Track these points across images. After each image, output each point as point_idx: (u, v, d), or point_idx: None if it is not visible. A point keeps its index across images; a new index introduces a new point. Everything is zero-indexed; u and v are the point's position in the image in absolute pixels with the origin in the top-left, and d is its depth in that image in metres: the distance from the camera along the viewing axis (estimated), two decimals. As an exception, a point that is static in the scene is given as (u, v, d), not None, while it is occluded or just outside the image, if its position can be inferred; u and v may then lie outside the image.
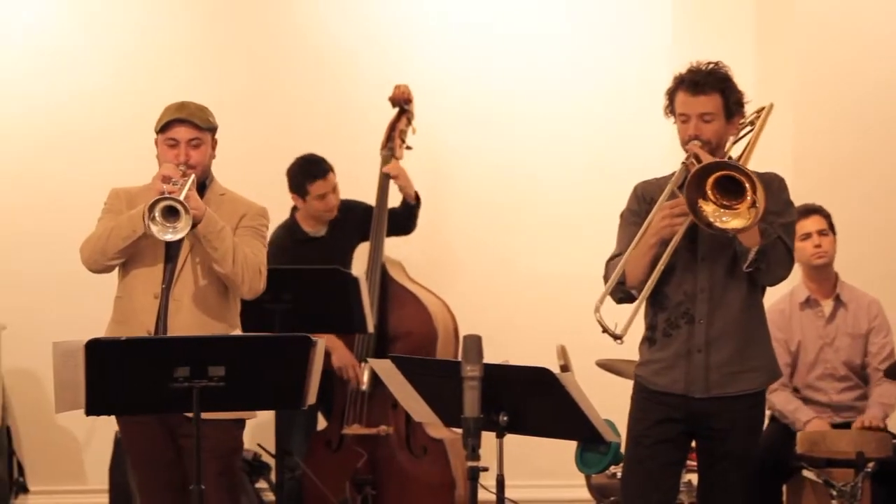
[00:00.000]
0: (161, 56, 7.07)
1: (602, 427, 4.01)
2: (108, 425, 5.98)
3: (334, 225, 6.43)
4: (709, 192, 4.19)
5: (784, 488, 5.84)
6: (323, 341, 4.36)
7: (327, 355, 5.85)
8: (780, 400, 5.77)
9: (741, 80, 4.47)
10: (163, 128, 4.78)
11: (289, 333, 4.72)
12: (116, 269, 4.81)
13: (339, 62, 7.13)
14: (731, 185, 4.18)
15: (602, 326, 4.27)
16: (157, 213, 4.52)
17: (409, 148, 6.54)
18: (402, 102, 6.53)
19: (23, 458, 6.83)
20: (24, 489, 6.83)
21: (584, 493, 5.92)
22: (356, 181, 6.49)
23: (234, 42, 7.10)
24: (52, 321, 6.60)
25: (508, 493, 3.99)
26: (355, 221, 6.42)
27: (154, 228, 4.53)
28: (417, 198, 6.49)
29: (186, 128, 4.76)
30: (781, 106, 6.79)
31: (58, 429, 6.84)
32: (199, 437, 4.22)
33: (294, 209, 6.41)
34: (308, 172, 6.32)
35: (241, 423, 4.85)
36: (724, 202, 4.19)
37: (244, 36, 7.11)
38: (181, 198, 4.54)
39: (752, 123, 4.63)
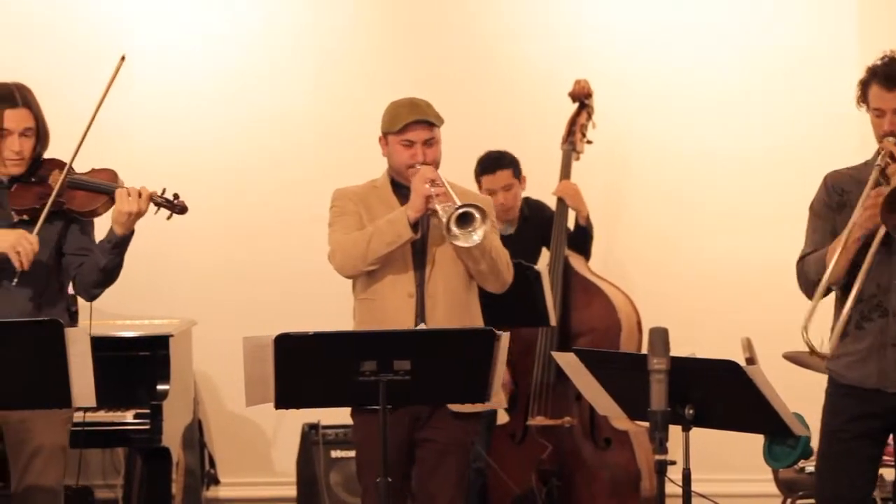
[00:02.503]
0: (341, 60, 7.15)
1: (791, 420, 3.96)
2: (295, 418, 6.08)
3: (522, 223, 6.42)
4: None
5: None
6: (507, 335, 4.38)
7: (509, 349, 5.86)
8: None
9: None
10: (400, 129, 4.81)
11: (473, 327, 4.73)
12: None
13: (517, 59, 7.13)
14: None
15: (809, 348, 4.18)
16: (452, 226, 4.57)
17: (589, 142, 6.51)
18: (582, 97, 6.50)
19: (213, 451, 6.96)
20: (215, 481, 6.95)
21: (772, 488, 5.84)
22: (537, 177, 6.47)
23: (413, 43, 7.14)
24: (241, 317, 6.74)
25: (695, 487, 3.96)
26: (541, 223, 6.38)
27: (458, 242, 4.59)
28: (588, 221, 6.42)
29: (423, 128, 4.80)
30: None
31: (247, 422, 6.97)
32: (386, 427, 4.25)
33: None
34: (480, 166, 6.34)
35: (479, 416, 4.91)
36: None
37: (423, 37, 7.14)
38: (454, 197, 4.60)
39: None
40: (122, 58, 4.86)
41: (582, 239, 6.40)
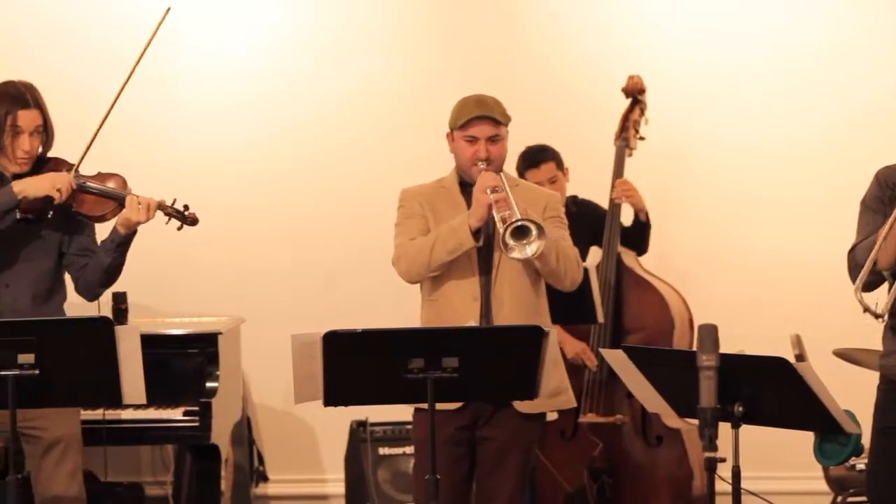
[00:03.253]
0: (392, 60, 7.13)
1: (842, 417, 3.93)
2: (343, 415, 6.08)
3: (569, 221, 6.40)
4: None
5: None
6: (555, 331, 4.36)
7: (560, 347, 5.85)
8: None
9: None
10: (463, 124, 4.81)
11: (520, 324, 4.72)
12: None
13: (570, 56, 7.10)
14: None
15: (863, 306, 4.14)
16: (508, 237, 4.56)
17: (642, 138, 6.49)
18: (635, 93, 6.47)
19: (262, 448, 6.98)
20: (263, 478, 6.97)
21: (823, 486, 5.81)
22: (590, 174, 6.45)
23: (464, 42, 7.11)
24: (290, 314, 6.75)
25: (745, 485, 3.94)
26: (591, 221, 6.35)
27: (513, 254, 4.58)
28: (648, 217, 6.39)
29: (487, 124, 4.78)
30: None
31: (295, 419, 6.98)
32: (434, 425, 4.26)
33: None
34: (523, 162, 6.32)
35: (544, 416, 4.90)
36: None
37: (475, 36, 7.11)
38: (513, 205, 4.59)
39: None
40: (168, 9, 4.94)
41: (641, 234, 6.38)
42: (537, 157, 6.28)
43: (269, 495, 7.06)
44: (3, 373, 4.14)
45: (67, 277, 5.07)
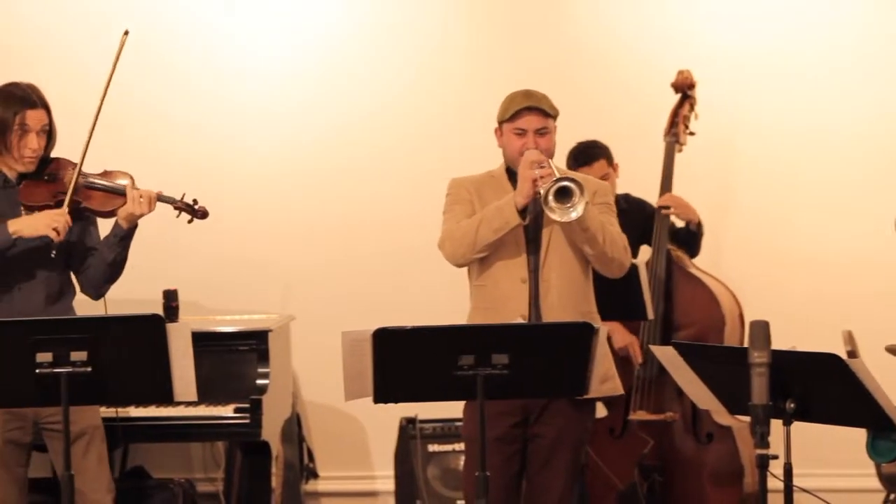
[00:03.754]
0: (439, 58, 7.12)
1: (895, 414, 3.91)
2: (393, 412, 6.10)
3: (619, 217, 6.38)
4: None
5: None
6: (605, 328, 4.35)
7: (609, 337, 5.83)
8: None
9: None
10: (511, 116, 4.82)
11: (569, 321, 4.72)
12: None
13: (620, 49, 7.08)
14: None
15: None
16: (550, 199, 4.56)
17: (692, 134, 6.46)
18: (685, 88, 6.45)
19: (312, 445, 7.00)
20: (313, 475, 6.98)
21: (875, 483, 5.77)
22: (640, 169, 6.43)
23: (512, 38, 7.10)
24: (339, 311, 6.76)
25: (797, 482, 3.92)
26: (641, 220, 6.33)
27: (554, 215, 4.59)
28: (700, 224, 6.36)
29: (535, 116, 4.80)
30: None
31: (345, 416, 7.00)
32: (484, 422, 4.26)
33: None
34: (575, 159, 6.30)
35: (593, 407, 4.90)
36: None
37: (522, 32, 7.09)
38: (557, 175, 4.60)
39: None
40: (126, 32, 5.02)
41: (692, 241, 6.35)
42: (589, 155, 6.25)
43: (319, 492, 7.07)
44: (56, 370, 4.18)
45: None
